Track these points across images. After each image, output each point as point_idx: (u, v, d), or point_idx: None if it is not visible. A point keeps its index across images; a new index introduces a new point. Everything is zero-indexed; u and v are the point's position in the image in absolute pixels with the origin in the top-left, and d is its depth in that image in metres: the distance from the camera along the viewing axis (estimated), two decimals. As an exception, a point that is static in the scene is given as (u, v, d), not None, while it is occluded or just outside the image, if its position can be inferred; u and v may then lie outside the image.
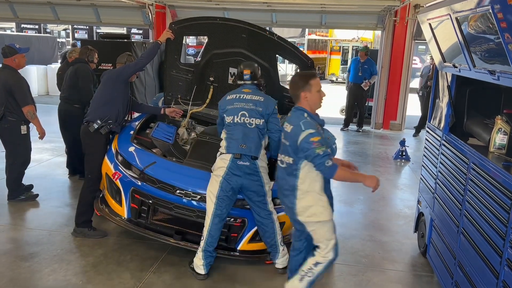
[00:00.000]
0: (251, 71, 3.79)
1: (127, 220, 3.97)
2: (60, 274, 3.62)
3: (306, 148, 2.88)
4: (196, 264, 3.63)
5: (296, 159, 2.99)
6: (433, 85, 4.28)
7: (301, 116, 2.99)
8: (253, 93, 3.71)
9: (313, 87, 3.01)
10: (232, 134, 3.60)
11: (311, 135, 2.87)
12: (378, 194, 6.03)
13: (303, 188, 3.02)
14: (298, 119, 2.98)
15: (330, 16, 10.69)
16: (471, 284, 2.93)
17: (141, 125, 4.73)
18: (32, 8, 11.44)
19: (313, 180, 3.02)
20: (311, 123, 2.95)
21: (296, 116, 3.02)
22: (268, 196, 3.68)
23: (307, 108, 3.03)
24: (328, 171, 2.90)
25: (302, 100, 3.03)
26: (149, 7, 10.61)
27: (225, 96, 3.78)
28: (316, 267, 3.12)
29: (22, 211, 4.90)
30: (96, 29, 18.32)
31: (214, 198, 3.55)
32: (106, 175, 4.19)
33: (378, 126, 10.73)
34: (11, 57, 4.79)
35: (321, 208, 3.06)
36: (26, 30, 20.33)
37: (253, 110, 3.61)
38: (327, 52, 24.96)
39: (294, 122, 3.00)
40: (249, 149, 3.56)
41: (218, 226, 3.60)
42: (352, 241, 4.54)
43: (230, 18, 6.58)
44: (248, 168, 3.56)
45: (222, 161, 3.59)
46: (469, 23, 2.73)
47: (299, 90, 3.03)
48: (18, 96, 4.75)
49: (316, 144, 2.85)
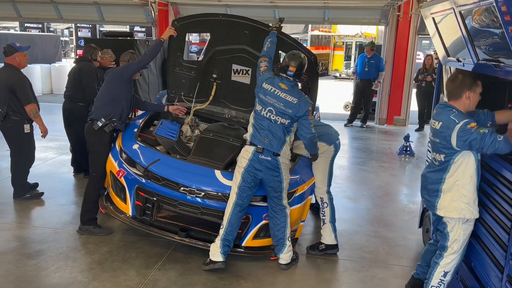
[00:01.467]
0: (297, 68, 3.60)
1: (132, 218, 3.99)
2: (66, 271, 3.64)
3: (467, 136, 2.72)
4: (212, 252, 3.64)
5: (448, 154, 2.87)
6: (437, 80, 4.26)
7: (450, 112, 2.86)
8: (289, 92, 3.57)
9: (479, 88, 2.88)
10: (259, 124, 3.63)
11: (467, 123, 2.73)
12: (382, 190, 6.03)
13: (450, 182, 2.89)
14: (447, 115, 2.85)
15: (333, 11, 10.64)
16: (476, 279, 2.92)
17: (144, 123, 4.74)
18: (35, 7, 11.46)
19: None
20: (463, 115, 2.83)
21: (445, 113, 2.88)
22: (284, 192, 3.71)
23: (461, 108, 2.88)
24: (504, 145, 2.63)
25: (463, 99, 2.88)
26: (152, 4, 10.61)
27: (263, 77, 3.66)
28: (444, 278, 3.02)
29: (28, 209, 4.93)
30: (99, 27, 18.34)
31: (236, 188, 3.59)
32: (110, 173, 4.20)
33: (382, 121, 10.70)
34: (11, 56, 4.80)
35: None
36: (30, 29, 20.40)
37: (282, 110, 3.56)
38: (330, 48, 24.89)
39: (443, 118, 2.88)
40: (271, 144, 3.58)
41: (238, 216, 3.63)
42: (357, 237, 4.54)
43: (232, 14, 6.56)
44: (269, 163, 3.59)
45: (245, 152, 3.64)
46: (473, 17, 2.71)
47: (464, 88, 2.87)
48: (21, 94, 4.77)
49: (476, 128, 2.70)
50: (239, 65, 4.69)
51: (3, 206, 4.95)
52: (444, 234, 2.98)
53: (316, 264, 3.98)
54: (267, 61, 3.80)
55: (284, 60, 3.69)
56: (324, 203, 4.13)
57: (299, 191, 3.98)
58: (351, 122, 10.45)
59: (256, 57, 4.40)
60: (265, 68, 3.73)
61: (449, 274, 3.00)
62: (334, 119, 10.63)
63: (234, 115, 4.92)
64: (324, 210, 4.13)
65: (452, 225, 2.92)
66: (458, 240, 2.92)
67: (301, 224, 4.17)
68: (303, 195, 4.02)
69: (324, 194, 4.13)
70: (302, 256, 4.08)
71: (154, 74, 8.33)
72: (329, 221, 4.12)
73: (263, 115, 3.62)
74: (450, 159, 2.85)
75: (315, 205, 4.83)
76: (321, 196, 4.14)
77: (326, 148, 4.07)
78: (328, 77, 23.70)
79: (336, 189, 6.01)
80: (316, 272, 3.86)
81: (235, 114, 4.92)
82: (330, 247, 4.12)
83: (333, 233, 4.11)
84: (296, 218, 3.97)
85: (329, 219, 4.12)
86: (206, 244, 3.74)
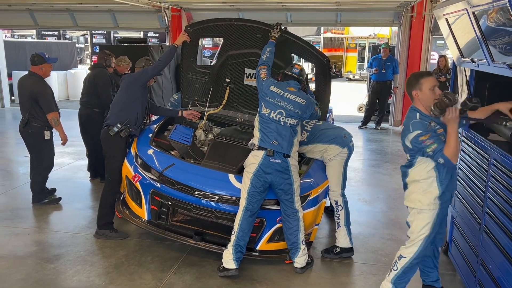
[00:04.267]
0: (301, 68, 3.89)
1: (148, 222, 4.03)
2: (83, 275, 3.70)
3: (419, 146, 2.89)
4: (225, 260, 3.65)
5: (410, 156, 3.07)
6: (452, 81, 4.22)
7: (413, 115, 3.00)
8: (297, 94, 3.72)
9: (426, 84, 2.96)
10: (266, 128, 3.66)
11: (419, 135, 2.87)
12: (397, 192, 5.98)
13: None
14: (409, 119, 3.00)
15: (346, 13, 10.59)
16: (494, 282, 2.88)
17: (159, 128, 4.79)
18: (52, 15, 11.70)
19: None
20: (421, 123, 2.93)
21: (409, 117, 3.02)
22: (296, 195, 3.72)
23: (421, 108, 3.00)
24: (447, 163, 2.83)
25: (415, 99, 3.02)
26: (165, 10, 10.72)
27: (269, 81, 3.77)
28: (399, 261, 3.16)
29: (46, 214, 5.02)
30: (113, 34, 18.60)
31: (245, 194, 3.62)
32: (126, 178, 4.26)
33: (397, 123, 10.61)
34: (38, 66, 4.91)
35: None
36: (46, 36, 20.79)
37: (293, 112, 3.66)
38: (343, 50, 24.80)
39: (405, 122, 3.04)
40: (281, 146, 3.62)
41: (249, 221, 3.65)
42: (372, 240, 4.51)
43: (245, 18, 6.57)
44: (279, 166, 3.61)
45: (254, 157, 3.65)
46: (487, 17, 2.69)
47: (410, 89, 3.03)
48: (43, 103, 4.87)
49: (427, 142, 2.84)
50: (252, 69, 4.70)
51: (22, 211, 5.05)
52: (407, 224, 3.18)
53: (331, 267, 3.97)
54: (266, 69, 3.89)
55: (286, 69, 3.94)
56: (339, 206, 4.12)
57: (313, 195, 3.97)
58: (365, 124, 10.39)
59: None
60: (266, 75, 3.83)
61: (404, 261, 3.11)
62: (348, 121, 10.59)
63: (247, 119, 4.94)
64: (338, 213, 4.12)
65: (411, 215, 3.11)
66: (415, 230, 3.07)
67: (315, 228, 4.16)
68: (317, 199, 4.01)
69: (338, 197, 4.12)
70: (317, 259, 4.07)
71: (168, 79, 8.42)
72: (343, 224, 4.10)
73: (271, 117, 3.65)
74: (413, 159, 3.04)
75: (330, 208, 4.81)
76: (335, 199, 4.13)
77: (339, 150, 4.07)
78: (341, 79, 23.60)
79: (351, 192, 5.99)
80: (331, 275, 3.85)
81: (248, 118, 4.94)
82: (345, 250, 4.10)
83: (348, 236, 4.10)
84: (310, 221, 3.97)
85: (344, 222, 4.10)
86: (221, 248, 3.76)
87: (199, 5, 10.79)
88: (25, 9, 11.47)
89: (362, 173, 7.04)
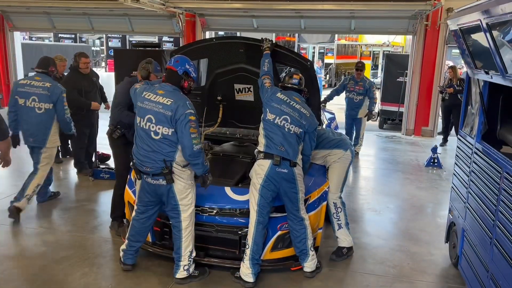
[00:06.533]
0: (300, 77, 3.91)
1: (152, 244, 4.07)
2: (90, 277, 3.73)
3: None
4: (243, 272, 3.65)
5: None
6: (465, 92, 4.17)
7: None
8: (302, 105, 3.75)
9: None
10: (271, 134, 3.66)
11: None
12: (408, 203, 5.91)
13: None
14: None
15: (360, 21, 10.55)
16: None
17: None
18: (69, 19, 11.89)
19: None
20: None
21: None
22: (301, 203, 3.74)
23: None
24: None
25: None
26: (179, 16, 10.81)
27: (276, 89, 3.81)
28: None
29: (56, 214, 5.08)
30: (129, 38, 18.82)
31: (256, 206, 3.61)
32: (128, 203, 4.26)
33: (409, 132, 10.51)
34: None
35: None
36: (63, 39, 21.14)
37: (297, 120, 3.67)
38: (357, 57, 24.71)
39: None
40: (287, 152, 3.62)
41: (262, 233, 3.66)
42: (381, 251, 4.45)
43: (224, 36, 6.58)
44: (286, 175, 3.62)
45: (260, 167, 3.64)
46: (501, 29, 2.65)
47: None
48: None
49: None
50: (240, 84, 4.75)
51: (33, 211, 5.12)
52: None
53: (338, 278, 3.93)
54: (270, 78, 3.91)
55: (285, 78, 3.95)
56: (338, 208, 4.20)
57: (312, 198, 4.00)
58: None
59: (254, 73, 4.45)
60: (270, 84, 3.85)
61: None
62: (366, 130, 10.46)
63: (245, 134, 5.00)
64: (339, 215, 4.19)
65: None
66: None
67: (319, 232, 4.14)
68: (316, 202, 4.04)
69: (337, 199, 4.20)
70: (324, 268, 4.02)
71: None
72: (344, 225, 4.21)
73: (276, 123, 3.65)
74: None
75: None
76: (334, 201, 4.19)
77: (342, 153, 4.16)
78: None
79: (361, 201, 5.94)
80: (339, 286, 3.81)
81: (246, 133, 5.00)
82: (350, 249, 4.24)
83: (349, 235, 4.24)
84: (313, 226, 3.97)
85: (344, 222, 4.22)
86: (225, 261, 3.81)
87: (213, 11, 10.84)
88: (42, 12, 11.68)
89: (372, 182, 6.98)
